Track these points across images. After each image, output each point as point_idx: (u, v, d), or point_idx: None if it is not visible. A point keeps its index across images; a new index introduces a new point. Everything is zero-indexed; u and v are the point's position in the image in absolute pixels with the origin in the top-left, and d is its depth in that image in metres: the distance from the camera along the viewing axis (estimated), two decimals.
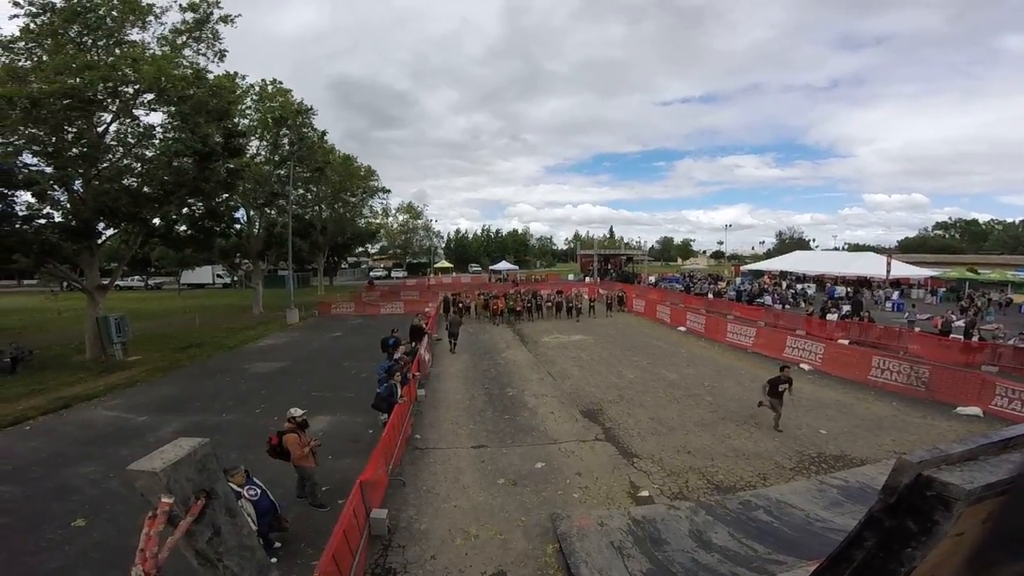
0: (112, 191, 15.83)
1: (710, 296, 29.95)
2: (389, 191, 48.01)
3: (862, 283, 32.81)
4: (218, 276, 49.78)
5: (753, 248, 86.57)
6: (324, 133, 32.10)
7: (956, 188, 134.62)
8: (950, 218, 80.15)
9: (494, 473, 7.60)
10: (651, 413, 10.32)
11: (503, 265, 60.82)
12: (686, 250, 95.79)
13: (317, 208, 39.76)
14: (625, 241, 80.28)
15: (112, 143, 16.57)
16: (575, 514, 6.02)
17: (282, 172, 27.91)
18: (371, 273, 61.34)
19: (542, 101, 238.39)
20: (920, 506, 1.37)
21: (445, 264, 70.46)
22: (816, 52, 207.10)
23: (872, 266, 32.98)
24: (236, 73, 21.26)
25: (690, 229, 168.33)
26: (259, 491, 5.39)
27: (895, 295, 29.13)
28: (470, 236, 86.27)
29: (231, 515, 1.50)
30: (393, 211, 69.43)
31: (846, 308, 22.30)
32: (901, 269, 31.97)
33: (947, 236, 74.50)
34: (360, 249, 61.97)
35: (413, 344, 14.30)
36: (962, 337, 15.71)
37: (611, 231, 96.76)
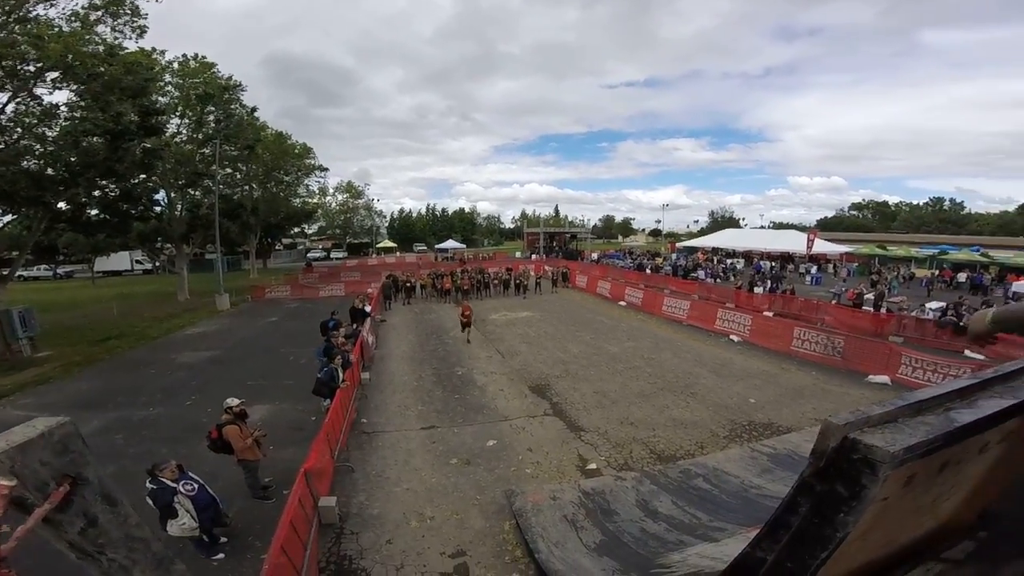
0: (8, 174, 14.29)
1: (648, 271, 31.47)
2: (327, 169, 45.87)
3: (785, 258, 35.33)
4: (137, 262, 45.85)
5: (688, 226, 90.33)
6: (254, 109, 30.68)
7: (870, 172, 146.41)
8: (864, 199, 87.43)
9: (446, 453, 7.62)
10: (595, 386, 10.68)
11: (450, 244, 60.06)
12: (626, 228, 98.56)
13: (247, 188, 37.48)
14: (570, 219, 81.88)
15: (8, 124, 14.88)
16: (529, 490, 6.13)
17: (207, 151, 26.22)
18: (308, 254, 58.75)
19: (493, 82, 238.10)
20: (847, 470, 1.37)
21: (388, 244, 68.66)
22: (755, 42, 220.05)
23: (794, 243, 35.44)
24: (155, 49, 20.08)
25: (630, 208, 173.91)
26: (196, 485, 5.15)
27: (814, 269, 31.69)
28: (414, 215, 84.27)
29: (111, 504, 1.36)
30: (332, 190, 66.94)
31: (768, 284, 24.04)
32: (819, 246, 34.65)
33: (860, 216, 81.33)
34: (296, 230, 59.22)
35: (355, 326, 13.93)
36: (872, 309, 17.37)
37: (556, 210, 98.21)
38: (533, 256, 45.11)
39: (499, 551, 5.20)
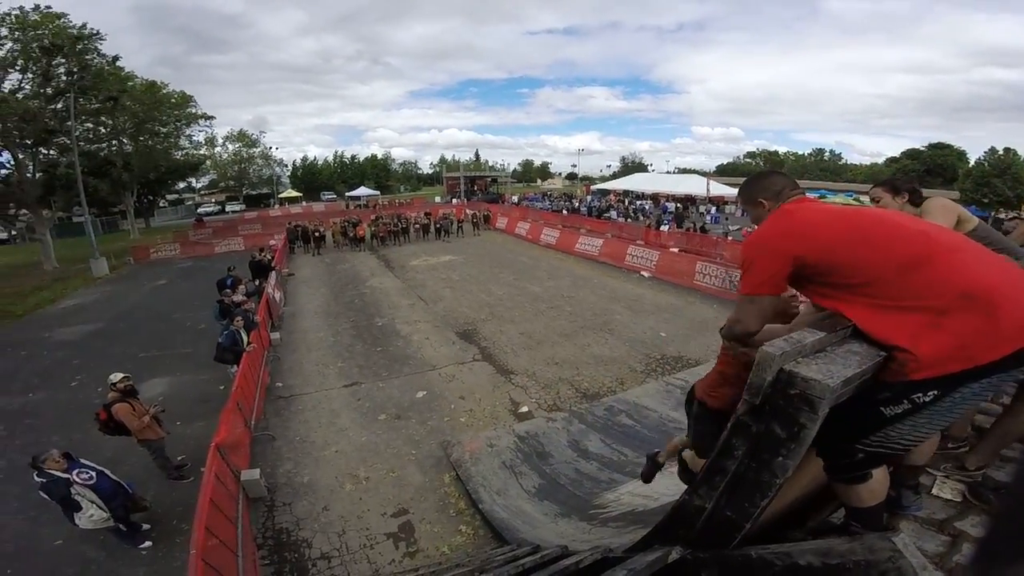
0: None
1: (565, 212, 32.60)
2: (213, 117, 40.22)
3: (688, 200, 37.60)
4: None
5: (601, 171, 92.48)
6: (116, 58, 26.72)
7: (763, 125, 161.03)
8: (757, 149, 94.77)
9: (373, 410, 7.41)
10: (520, 328, 10.84)
11: (362, 191, 56.74)
12: (544, 172, 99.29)
13: (116, 142, 32.61)
14: (490, 164, 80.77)
15: None
16: (465, 439, 6.11)
17: (59, 106, 22.89)
18: (199, 209, 52.74)
19: (409, 25, 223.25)
20: (784, 407, 1.33)
21: (292, 193, 63.44)
22: None
23: (696, 186, 37.83)
24: None
25: (548, 153, 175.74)
26: (94, 473, 4.64)
27: (713, 210, 34.15)
28: (320, 163, 77.81)
29: None
30: (221, 140, 59.80)
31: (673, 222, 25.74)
32: (718, 189, 37.24)
33: (754, 164, 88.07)
34: (183, 184, 52.78)
35: (258, 282, 12.86)
36: None
37: (477, 154, 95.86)
38: (454, 200, 44.16)
39: (442, 505, 5.17)
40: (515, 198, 44.87)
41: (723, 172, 76.26)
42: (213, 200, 60.54)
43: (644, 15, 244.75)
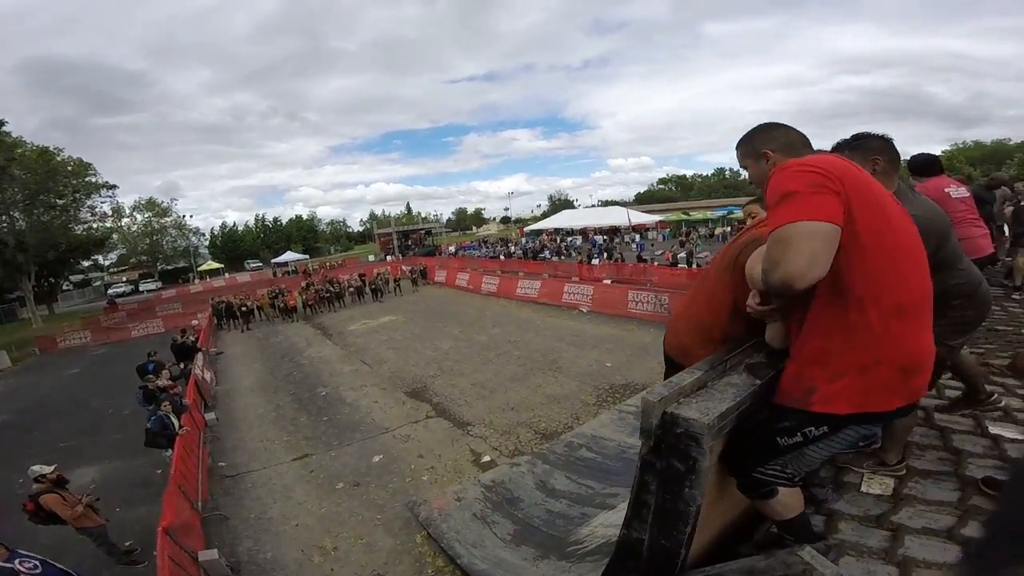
0: None
1: (502, 257, 33.15)
2: (115, 187, 38.05)
3: (614, 231, 39.90)
4: None
5: (532, 211, 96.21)
6: (1, 123, 25.63)
7: (670, 151, 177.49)
8: (667, 174, 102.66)
9: (329, 480, 7.20)
10: (471, 379, 10.93)
11: (289, 256, 54.97)
12: (479, 218, 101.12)
13: (6, 218, 29.87)
14: (423, 215, 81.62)
15: None
16: (431, 497, 6.07)
17: None
18: (110, 290, 48.74)
19: (325, 80, 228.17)
20: (676, 444, 1.47)
21: (213, 265, 60.15)
22: (575, 37, 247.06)
23: (618, 217, 40.30)
24: None
25: (480, 199, 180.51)
26: (37, 562, 4.41)
27: (637, 238, 36.47)
28: (241, 229, 74.70)
29: None
30: (128, 210, 56.31)
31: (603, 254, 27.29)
32: (639, 217, 39.97)
33: (667, 189, 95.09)
34: (88, 263, 48.64)
35: (183, 365, 12.23)
36: (686, 266, 20.61)
37: (408, 207, 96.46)
38: (388, 257, 43.87)
39: (419, 565, 5.12)
40: (452, 248, 45.43)
41: (641, 200, 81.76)
42: (124, 279, 56.27)
43: (553, 55, 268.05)
